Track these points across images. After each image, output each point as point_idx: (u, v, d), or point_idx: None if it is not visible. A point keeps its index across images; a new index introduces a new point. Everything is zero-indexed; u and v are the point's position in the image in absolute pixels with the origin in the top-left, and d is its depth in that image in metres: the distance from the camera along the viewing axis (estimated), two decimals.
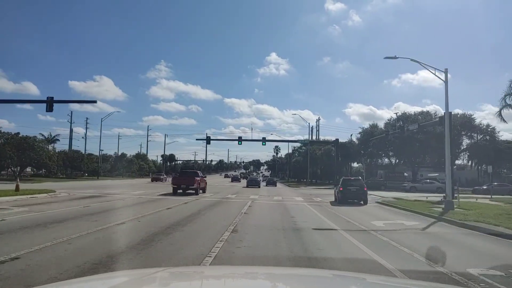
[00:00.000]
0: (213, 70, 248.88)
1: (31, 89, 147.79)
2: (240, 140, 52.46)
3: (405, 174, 56.30)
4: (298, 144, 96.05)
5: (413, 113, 55.49)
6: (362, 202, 21.83)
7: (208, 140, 52.68)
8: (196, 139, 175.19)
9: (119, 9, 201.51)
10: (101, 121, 79.32)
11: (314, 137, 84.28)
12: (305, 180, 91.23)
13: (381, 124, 60.19)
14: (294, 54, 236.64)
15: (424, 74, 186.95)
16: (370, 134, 54.90)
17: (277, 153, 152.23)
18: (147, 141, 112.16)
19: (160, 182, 52.80)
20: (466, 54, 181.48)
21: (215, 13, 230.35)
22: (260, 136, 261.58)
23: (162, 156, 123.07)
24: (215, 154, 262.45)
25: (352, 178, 25.22)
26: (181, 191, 25.28)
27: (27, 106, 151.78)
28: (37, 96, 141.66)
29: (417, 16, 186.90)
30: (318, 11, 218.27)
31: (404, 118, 52.67)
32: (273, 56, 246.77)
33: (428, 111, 55.69)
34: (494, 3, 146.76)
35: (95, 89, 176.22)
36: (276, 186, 57.07)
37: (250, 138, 62.38)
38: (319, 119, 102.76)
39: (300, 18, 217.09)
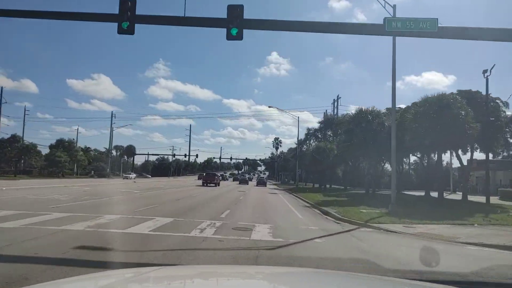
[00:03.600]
0: (213, 69, 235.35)
1: (30, 87, 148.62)
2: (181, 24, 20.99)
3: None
4: (309, 126, 64.33)
5: None
6: None
7: None
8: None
9: (117, 6, 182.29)
10: None
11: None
12: (329, 186, 51.54)
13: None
14: (295, 54, 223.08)
15: (429, 76, 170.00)
16: None
17: (277, 148, 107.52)
18: (111, 127, 79.99)
19: None
20: (474, 55, 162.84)
21: (214, 10, 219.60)
22: (258, 137, 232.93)
23: (106, 148, 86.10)
24: (203, 151, 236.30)
25: None
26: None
27: (26, 104, 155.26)
28: (36, 94, 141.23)
29: (424, 14, 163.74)
30: (321, 9, 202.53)
31: None
32: (274, 56, 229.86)
33: None
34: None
35: (93, 87, 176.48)
36: (265, 186, 57.67)
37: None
38: (338, 98, 70.52)
39: (302, 15, 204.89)
